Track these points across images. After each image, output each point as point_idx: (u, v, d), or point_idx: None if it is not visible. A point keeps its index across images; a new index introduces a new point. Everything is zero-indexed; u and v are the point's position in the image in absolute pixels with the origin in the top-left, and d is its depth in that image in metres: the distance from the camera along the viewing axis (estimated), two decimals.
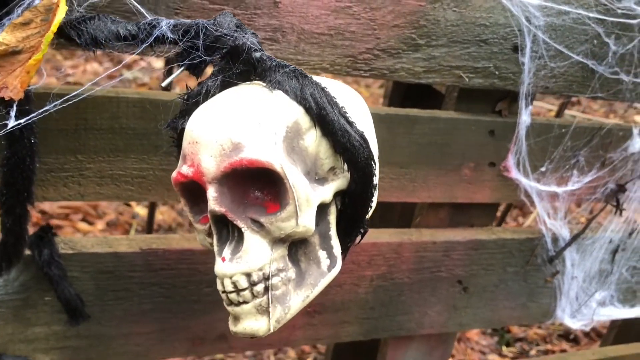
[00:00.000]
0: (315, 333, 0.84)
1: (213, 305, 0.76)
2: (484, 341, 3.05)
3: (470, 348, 2.95)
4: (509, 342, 3.07)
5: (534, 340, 3.05)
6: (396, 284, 0.85)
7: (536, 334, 3.10)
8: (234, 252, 0.41)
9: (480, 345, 3.00)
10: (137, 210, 2.60)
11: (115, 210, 2.60)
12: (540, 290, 0.96)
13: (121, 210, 2.70)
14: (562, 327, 3.20)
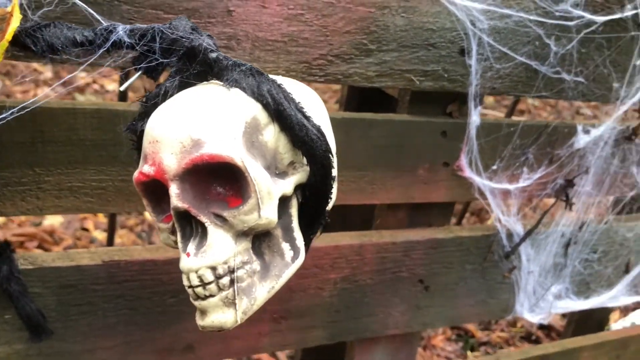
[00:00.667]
0: (282, 339, 0.84)
1: (178, 316, 0.76)
2: (449, 347, 3.09)
3: (436, 355, 2.99)
4: (473, 346, 3.12)
5: (497, 344, 3.11)
6: (360, 285, 0.86)
7: (499, 337, 3.16)
8: (198, 247, 0.42)
9: (445, 351, 3.04)
10: (96, 234, 2.55)
11: (72, 236, 2.55)
12: (499, 286, 0.99)
13: (79, 235, 2.64)
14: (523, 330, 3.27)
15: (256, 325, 0.81)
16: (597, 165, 0.96)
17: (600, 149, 0.95)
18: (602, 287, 1.10)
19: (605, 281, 1.10)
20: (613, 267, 1.09)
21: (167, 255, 0.72)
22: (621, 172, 0.99)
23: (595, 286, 1.09)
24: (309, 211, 0.47)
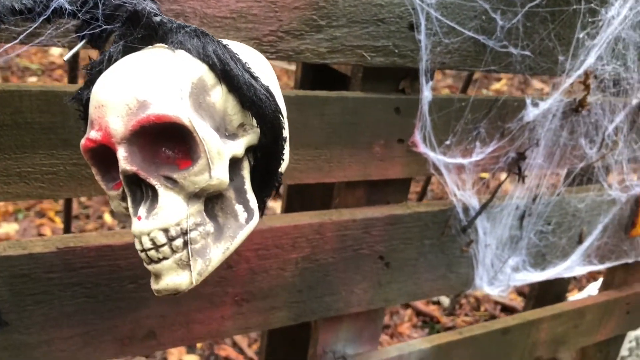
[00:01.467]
0: (245, 322, 0.84)
1: (139, 302, 0.75)
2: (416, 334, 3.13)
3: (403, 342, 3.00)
4: (439, 332, 3.17)
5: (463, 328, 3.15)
6: (321, 264, 0.87)
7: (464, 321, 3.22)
8: (149, 210, 0.42)
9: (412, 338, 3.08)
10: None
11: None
12: (458, 261, 1.01)
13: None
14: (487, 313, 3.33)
15: (218, 308, 0.81)
16: (547, 137, 0.99)
17: (549, 122, 0.97)
18: (558, 258, 1.13)
19: (560, 252, 1.13)
20: (567, 237, 1.12)
21: (124, 240, 0.71)
22: (570, 144, 1.02)
23: (551, 257, 1.12)
24: (261, 173, 0.47)
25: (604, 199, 1.13)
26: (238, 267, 0.80)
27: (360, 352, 1.01)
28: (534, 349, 1.22)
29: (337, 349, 0.99)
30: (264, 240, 0.80)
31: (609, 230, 1.18)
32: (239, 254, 0.79)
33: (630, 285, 1.36)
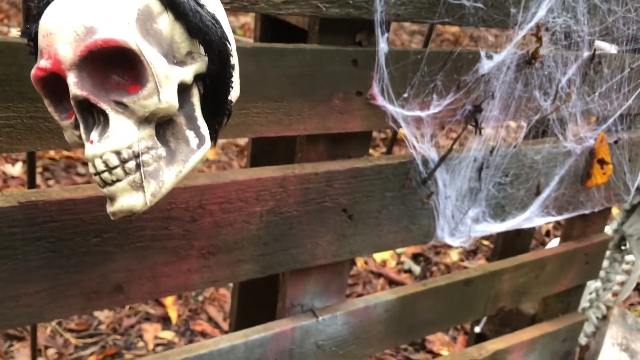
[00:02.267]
0: (212, 275, 0.86)
1: (104, 256, 0.76)
2: None
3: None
4: None
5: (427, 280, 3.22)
6: (285, 217, 0.89)
7: None
8: (101, 134, 0.43)
9: None
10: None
11: None
12: (419, 212, 1.04)
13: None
14: None
15: (185, 262, 0.82)
16: (502, 90, 1.02)
17: (503, 74, 1.00)
18: (517, 209, 1.17)
19: (519, 203, 1.17)
20: (525, 189, 1.16)
21: (87, 194, 0.72)
22: (525, 97, 1.05)
23: (510, 208, 1.16)
24: (211, 101, 0.48)
25: (560, 151, 1.17)
26: (202, 220, 0.81)
27: (328, 304, 1.04)
28: (496, 299, 1.27)
29: (305, 302, 1.01)
30: (227, 194, 0.82)
31: (565, 182, 1.22)
32: (203, 208, 0.80)
33: (588, 236, 1.41)
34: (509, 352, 1.36)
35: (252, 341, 0.95)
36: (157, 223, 0.77)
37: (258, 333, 0.96)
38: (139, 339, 2.59)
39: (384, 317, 1.10)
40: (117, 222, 0.74)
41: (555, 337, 1.44)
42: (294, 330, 0.99)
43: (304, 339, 1.01)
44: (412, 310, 1.13)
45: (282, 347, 0.99)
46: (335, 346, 1.06)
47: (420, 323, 1.16)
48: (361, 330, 1.08)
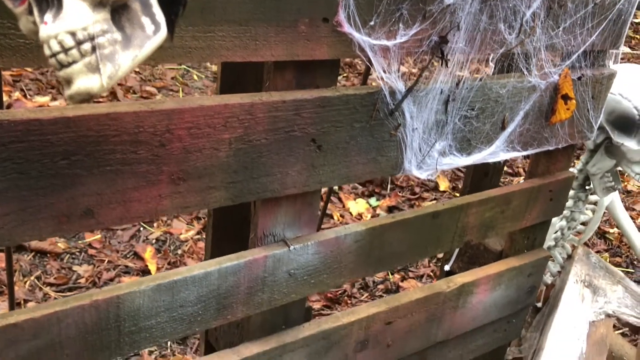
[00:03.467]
0: (183, 201, 0.87)
1: (73, 179, 0.76)
2: None
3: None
4: None
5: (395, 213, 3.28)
6: (254, 145, 0.90)
7: None
8: (55, 15, 0.43)
9: None
10: None
11: None
12: (387, 144, 1.06)
13: None
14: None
15: (155, 187, 0.83)
16: (467, 21, 1.03)
17: (468, 5, 1.01)
18: (482, 143, 1.20)
19: (484, 137, 1.20)
20: (490, 123, 1.19)
21: (53, 115, 0.72)
22: (490, 29, 1.07)
23: (476, 142, 1.19)
24: None
25: (525, 86, 1.20)
26: (171, 145, 0.82)
27: (300, 235, 1.06)
28: (463, 232, 1.31)
29: (276, 232, 1.03)
30: (195, 119, 0.82)
31: (530, 117, 1.25)
32: (171, 132, 0.81)
33: (553, 173, 1.45)
34: (476, 285, 1.41)
35: (225, 268, 0.97)
36: (125, 147, 0.78)
37: (231, 261, 0.98)
38: None
39: (354, 248, 1.13)
40: (85, 145, 0.75)
41: (520, 271, 1.50)
42: (266, 258, 1.01)
43: (276, 268, 1.04)
44: (381, 242, 1.17)
45: (255, 275, 1.01)
46: (307, 275, 1.09)
47: (390, 254, 1.20)
48: (332, 260, 1.11)
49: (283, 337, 1.13)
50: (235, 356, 1.07)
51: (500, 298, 1.50)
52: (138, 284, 0.90)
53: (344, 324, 1.20)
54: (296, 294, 1.09)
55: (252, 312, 1.05)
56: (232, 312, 1.02)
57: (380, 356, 1.31)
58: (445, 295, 1.35)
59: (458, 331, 1.46)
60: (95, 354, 0.90)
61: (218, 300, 0.99)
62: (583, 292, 1.76)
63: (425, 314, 1.34)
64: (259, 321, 1.10)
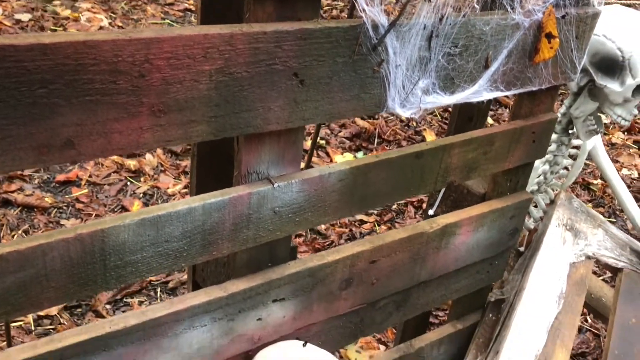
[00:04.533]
0: (165, 134, 0.87)
1: (52, 109, 0.76)
2: None
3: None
4: None
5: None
6: (236, 78, 0.89)
7: None
8: None
9: None
10: None
11: None
12: (370, 81, 1.05)
13: None
14: None
15: (136, 119, 0.83)
16: None
17: None
18: (466, 82, 1.20)
19: (467, 76, 1.20)
20: (474, 61, 1.19)
21: (28, 42, 0.71)
22: None
23: (459, 81, 1.19)
24: None
25: (508, 23, 1.19)
26: (151, 76, 0.81)
27: (284, 173, 1.07)
28: (446, 173, 1.32)
29: (260, 170, 1.04)
30: (174, 49, 0.82)
31: (513, 56, 1.25)
32: (150, 63, 0.80)
33: (536, 115, 1.46)
34: (458, 226, 1.43)
35: (209, 204, 0.98)
36: (104, 76, 0.77)
37: (215, 197, 0.99)
38: None
39: (338, 187, 1.14)
40: (63, 73, 0.74)
41: (503, 213, 1.52)
42: (251, 195, 1.02)
43: (261, 205, 1.04)
44: (365, 181, 1.18)
45: (239, 212, 1.02)
46: (291, 213, 1.10)
47: (373, 194, 1.21)
48: (316, 198, 1.12)
49: (269, 274, 1.14)
50: (221, 292, 1.09)
51: (482, 239, 1.52)
52: (122, 219, 0.91)
53: (329, 262, 1.22)
54: (281, 232, 1.11)
55: (237, 248, 1.06)
56: (218, 248, 1.03)
57: (365, 294, 1.34)
58: (428, 235, 1.38)
59: (441, 271, 1.49)
60: (82, 287, 0.91)
61: (203, 236, 1.00)
62: (564, 235, 1.79)
63: (408, 253, 1.36)
64: (245, 259, 1.12)
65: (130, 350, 1.00)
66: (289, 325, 1.23)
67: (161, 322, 1.02)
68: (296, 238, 2.78)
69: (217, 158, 1.22)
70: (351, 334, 1.40)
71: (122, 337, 0.98)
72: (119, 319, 0.99)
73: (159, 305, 1.03)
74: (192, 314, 1.05)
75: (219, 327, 1.11)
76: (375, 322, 1.44)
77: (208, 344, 1.11)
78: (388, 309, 1.45)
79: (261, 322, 1.17)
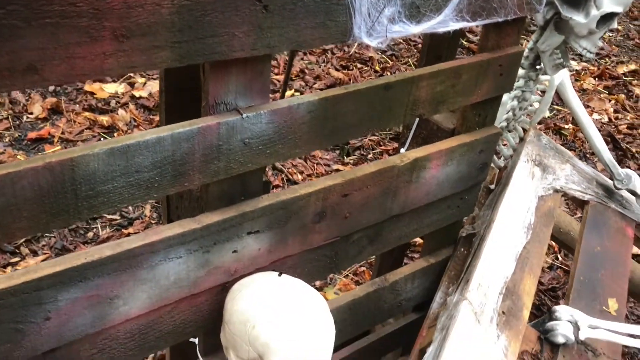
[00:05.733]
0: (129, 60, 0.87)
1: (12, 31, 0.75)
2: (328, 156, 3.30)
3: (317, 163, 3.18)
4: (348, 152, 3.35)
5: (370, 146, 3.36)
6: (198, 2, 0.89)
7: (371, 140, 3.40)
8: None
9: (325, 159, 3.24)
10: None
11: None
12: (336, 8, 1.05)
13: None
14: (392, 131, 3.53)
15: (98, 43, 0.82)
16: None
17: None
18: (432, 11, 1.21)
19: (433, 5, 1.20)
20: None
21: None
22: None
23: (425, 10, 1.19)
24: None
25: None
26: None
27: (252, 104, 1.08)
28: (415, 105, 1.34)
29: (228, 100, 1.04)
30: None
31: None
32: None
33: (502, 48, 1.48)
34: (428, 159, 1.46)
35: (178, 134, 0.99)
36: None
37: (184, 127, 1.00)
38: None
39: (308, 119, 1.15)
40: None
41: (472, 147, 1.55)
42: (219, 125, 1.03)
43: (230, 136, 1.05)
44: (334, 113, 1.19)
45: (209, 142, 1.03)
46: (262, 145, 1.11)
47: (343, 126, 1.22)
48: (286, 130, 1.13)
49: (242, 207, 1.16)
50: (195, 224, 1.10)
51: (452, 173, 1.55)
52: (92, 148, 0.91)
53: (302, 195, 1.24)
54: (252, 164, 1.12)
55: (209, 180, 1.07)
56: (189, 179, 1.05)
57: (338, 227, 1.37)
58: (399, 169, 1.40)
59: (413, 205, 1.52)
60: (54, 217, 0.92)
61: (174, 166, 1.01)
62: (533, 170, 1.84)
63: (380, 187, 1.39)
64: (217, 192, 1.13)
65: (106, 282, 1.02)
66: (265, 258, 1.26)
67: (136, 253, 1.03)
68: (273, 190, 2.81)
69: (185, 95, 1.22)
70: (326, 267, 1.43)
71: (98, 268, 1.00)
72: (94, 250, 1.00)
73: (134, 237, 1.05)
74: (167, 245, 1.07)
75: (195, 259, 1.13)
76: (349, 255, 1.47)
77: (185, 276, 1.13)
78: (361, 242, 1.49)
79: (237, 255, 1.19)
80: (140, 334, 1.14)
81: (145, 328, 1.14)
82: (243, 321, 1.09)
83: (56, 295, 0.97)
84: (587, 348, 1.46)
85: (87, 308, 1.02)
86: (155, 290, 1.10)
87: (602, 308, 1.57)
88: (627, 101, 4.03)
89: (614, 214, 1.87)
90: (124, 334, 1.11)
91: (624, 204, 1.94)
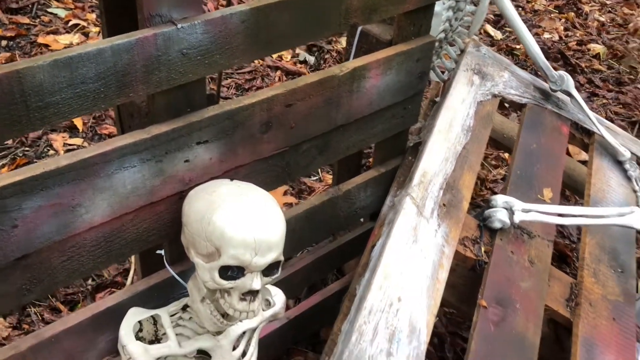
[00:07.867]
0: None
1: None
2: None
3: None
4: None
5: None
6: None
7: None
8: None
9: None
10: None
11: None
12: None
13: None
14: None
15: None
16: None
17: None
18: None
19: None
20: None
21: None
22: None
23: None
24: None
25: None
26: None
27: (187, 16, 1.14)
28: (348, 14, 1.41)
29: (163, 12, 1.11)
30: None
31: None
32: None
33: None
34: (367, 69, 1.55)
35: (117, 45, 1.06)
36: None
37: (122, 39, 1.07)
38: (49, 148, 2.67)
39: (242, 29, 1.22)
40: None
41: (409, 56, 1.64)
42: (156, 36, 1.10)
43: (168, 47, 1.13)
44: (267, 23, 1.26)
45: (148, 54, 1.10)
46: (200, 55, 1.18)
47: (278, 36, 1.30)
48: (222, 40, 1.20)
49: (189, 117, 1.24)
50: (145, 134, 1.18)
51: (392, 83, 1.65)
52: (35, 61, 0.98)
53: (246, 105, 1.32)
54: (193, 74, 1.20)
55: (152, 90, 1.15)
56: (134, 90, 1.12)
57: (285, 137, 1.46)
58: (339, 79, 1.49)
59: (357, 115, 1.61)
60: (8, 127, 0.99)
61: (117, 78, 1.09)
62: (472, 78, 1.94)
63: (322, 97, 1.48)
64: (163, 104, 1.21)
65: (67, 190, 1.10)
66: (217, 167, 1.35)
67: (91, 162, 1.12)
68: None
69: (125, 15, 1.28)
70: (279, 176, 1.53)
71: (56, 177, 1.08)
72: (51, 161, 1.08)
73: (88, 148, 1.13)
74: (120, 154, 1.15)
75: (149, 168, 1.21)
76: (300, 165, 1.57)
77: (141, 185, 1.22)
78: (311, 153, 1.58)
79: (189, 164, 1.28)
80: (105, 241, 1.23)
81: (110, 236, 1.23)
82: (199, 219, 1.18)
83: (20, 204, 1.05)
84: (522, 231, 1.60)
85: (51, 216, 1.11)
86: (114, 198, 1.19)
87: (537, 197, 1.71)
88: (577, 19, 4.13)
89: (550, 114, 1.99)
90: (90, 242, 1.21)
91: (560, 105, 2.06)
